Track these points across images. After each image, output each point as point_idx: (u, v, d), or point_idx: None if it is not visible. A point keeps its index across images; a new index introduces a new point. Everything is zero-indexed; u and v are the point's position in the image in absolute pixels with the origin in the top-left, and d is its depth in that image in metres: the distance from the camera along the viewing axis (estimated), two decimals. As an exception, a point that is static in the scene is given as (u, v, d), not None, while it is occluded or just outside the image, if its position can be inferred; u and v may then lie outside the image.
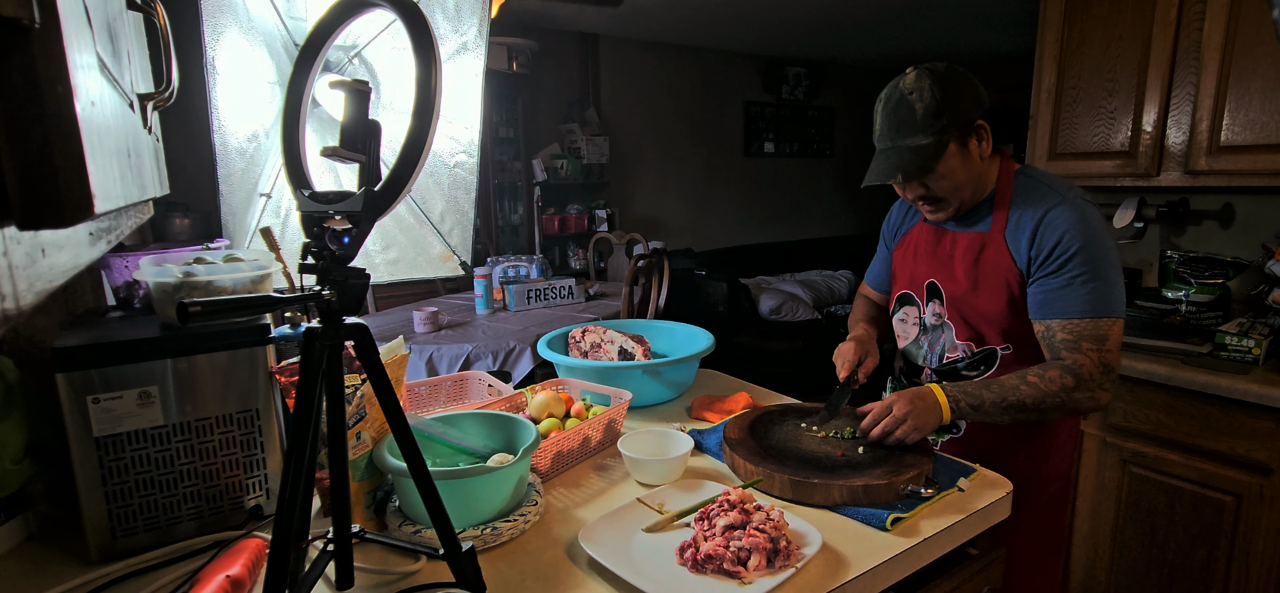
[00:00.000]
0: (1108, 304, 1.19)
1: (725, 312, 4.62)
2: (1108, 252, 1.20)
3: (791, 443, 1.25)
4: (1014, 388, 1.20)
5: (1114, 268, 1.21)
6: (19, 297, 0.38)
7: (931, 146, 1.22)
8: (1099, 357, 1.19)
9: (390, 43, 1.49)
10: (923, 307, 1.41)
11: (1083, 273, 1.19)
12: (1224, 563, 1.86)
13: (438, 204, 1.65)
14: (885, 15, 4.99)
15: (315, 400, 0.75)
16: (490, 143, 4.86)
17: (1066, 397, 1.18)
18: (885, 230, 1.57)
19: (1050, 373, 1.19)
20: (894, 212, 1.55)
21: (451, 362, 2.71)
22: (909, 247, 1.45)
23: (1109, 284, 1.19)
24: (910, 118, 1.22)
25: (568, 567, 0.95)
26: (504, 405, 1.36)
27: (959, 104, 1.21)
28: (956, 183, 1.26)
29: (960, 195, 1.29)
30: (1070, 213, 1.21)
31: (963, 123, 1.22)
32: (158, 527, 1.00)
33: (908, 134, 1.23)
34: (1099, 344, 1.19)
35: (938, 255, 1.37)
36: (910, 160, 1.23)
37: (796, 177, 7.19)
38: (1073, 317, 1.20)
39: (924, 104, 1.21)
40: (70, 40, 0.39)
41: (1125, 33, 2.16)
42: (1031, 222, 1.24)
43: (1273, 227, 2.20)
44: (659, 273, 3.58)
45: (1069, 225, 1.20)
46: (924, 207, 1.32)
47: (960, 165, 1.25)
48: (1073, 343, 1.20)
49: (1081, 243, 1.19)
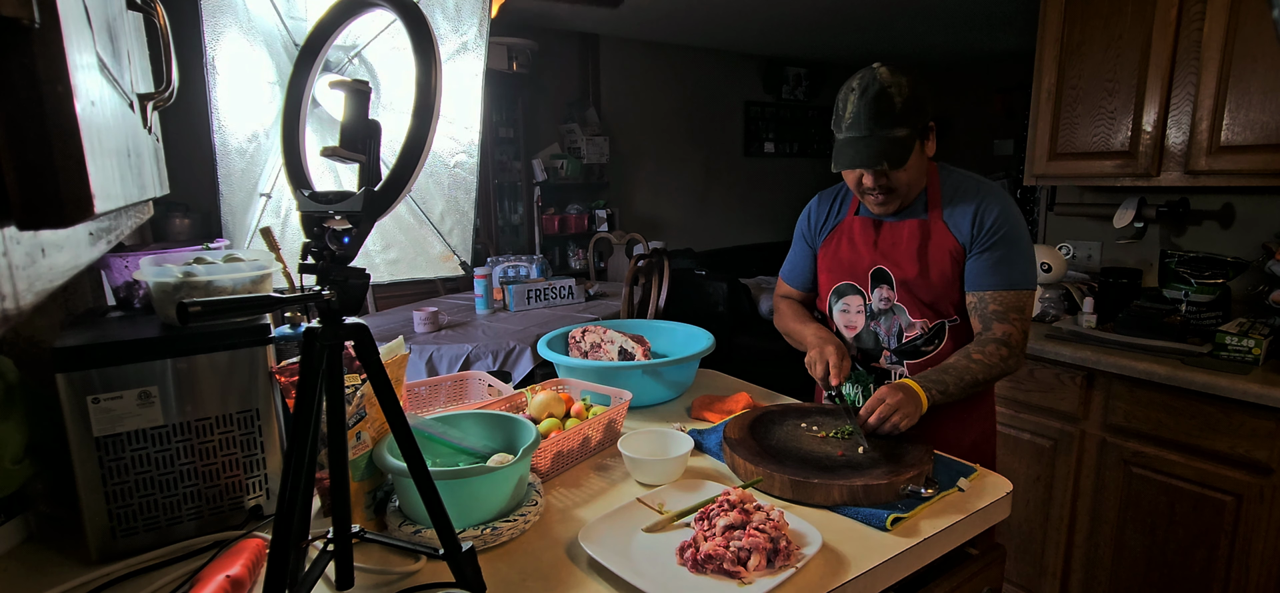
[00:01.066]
0: (1027, 279, 1.37)
1: (725, 312, 4.62)
2: (1026, 234, 1.39)
3: (791, 443, 1.25)
4: (967, 369, 1.33)
5: (1031, 248, 1.40)
6: (19, 297, 0.38)
7: (908, 138, 1.30)
8: (1021, 324, 1.36)
9: (390, 43, 1.49)
10: (867, 294, 1.47)
11: (1012, 251, 1.35)
12: (1224, 563, 1.86)
13: (438, 204, 1.65)
14: (885, 15, 4.99)
15: (315, 400, 0.75)
16: (490, 143, 4.86)
17: (1004, 365, 1.34)
18: (804, 229, 1.61)
19: (988, 348, 1.34)
20: (814, 209, 1.59)
21: (451, 362, 2.71)
22: (839, 240, 1.51)
23: (1029, 262, 1.38)
24: (890, 109, 1.29)
25: (568, 567, 0.95)
26: (504, 405, 1.36)
27: (927, 103, 1.33)
28: (913, 178, 1.37)
29: (910, 190, 1.39)
30: (999, 201, 1.37)
31: (927, 120, 1.35)
32: (158, 527, 1.00)
33: (888, 125, 1.29)
34: (1021, 314, 1.36)
35: (880, 245, 1.45)
36: (894, 150, 1.30)
37: (796, 177, 7.19)
38: (1001, 289, 1.36)
39: (903, 97, 1.29)
40: (70, 40, 0.39)
41: (1125, 33, 2.16)
42: (969, 207, 1.38)
43: (1273, 227, 2.20)
44: (659, 273, 3.58)
45: (1001, 211, 1.36)
46: (877, 196, 1.39)
47: (918, 160, 1.36)
48: (1002, 313, 1.36)
49: (1010, 227, 1.36)
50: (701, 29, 5.37)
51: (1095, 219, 2.62)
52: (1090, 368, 2.06)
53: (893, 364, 1.47)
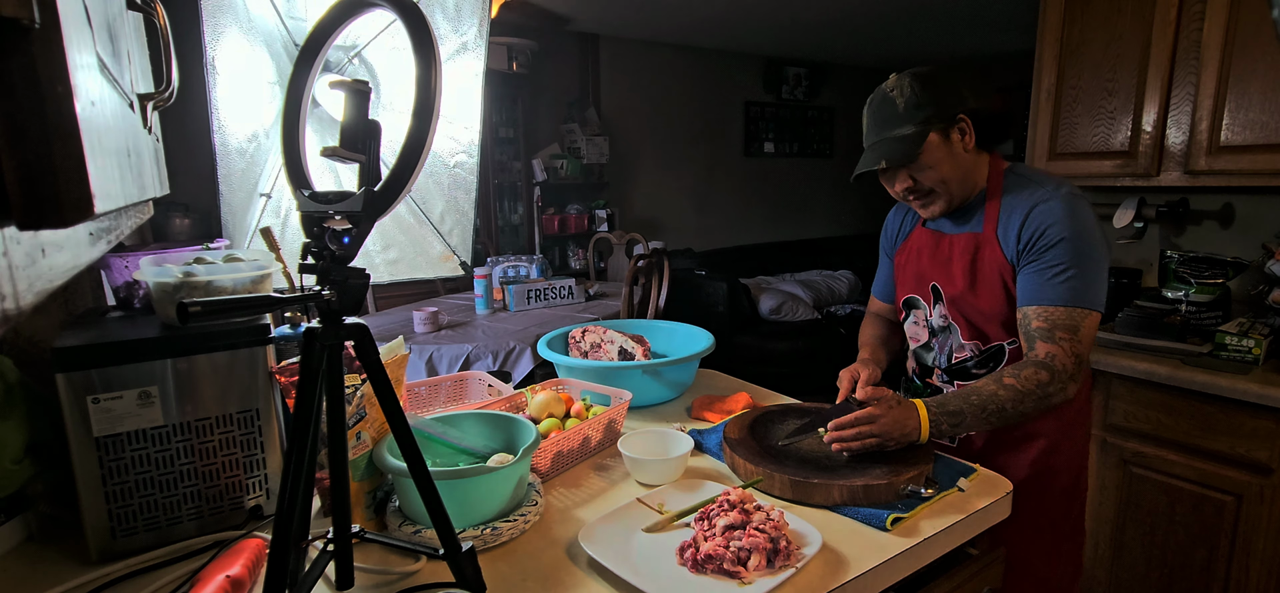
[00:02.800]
0: (1085, 296, 1.20)
1: (725, 312, 4.62)
2: (1093, 245, 1.21)
3: (791, 443, 1.25)
4: (992, 395, 1.20)
5: (1097, 262, 1.22)
6: (19, 297, 0.38)
7: (913, 136, 1.25)
8: (1071, 347, 1.20)
9: (390, 43, 1.49)
10: (929, 309, 1.41)
11: (1064, 263, 1.20)
12: (1224, 563, 1.86)
13: (438, 204, 1.65)
14: (885, 16, 4.99)
15: (315, 400, 0.75)
16: (490, 143, 4.86)
17: (1042, 393, 1.19)
18: (884, 241, 1.57)
19: (1025, 372, 1.20)
20: (891, 219, 1.55)
21: (451, 362, 2.71)
22: (911, 251, 1.46)
23: (1089, 277, 1.21)
24: (892, 112, 1.27)
25: (568, 567, 0.95)
26: (504, 405, 1.36)
27: (938, 97, 1.25)
28: (942, 175, 1.28)
29: (948, 189, 1.30)
30: (1058, 205, 1.22)
31: (944, 115, 1.25)
32: (158, 527, 1.00)
33: (890, 126, 1.27)
34: (1072, 335, 1.20)
35: (937, 257, 1.38)
36: (894, 148, 1.26)
37: (796, 177, 7.19)
38: (1049, 305, 1.21)
39: (904, 98, 1.26)
40: (70, 40, 0.39)
41: (1125, 33, 2.16)
42: (1021, 214, 1.26)
43: (1273, 227, 2.20)
44: (659, 273, 3.58)
45: (1056, 217, 1.22)
46: (915, 203, 1.34)
47: (945, 156, 1.27)
48: (1047, 332, 1.21)
49: (1066, 234, 1.20)
50: (701, 29, 5.37)
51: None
52: (1091, 368, 2.05)
53: (944, 384, 1.40)
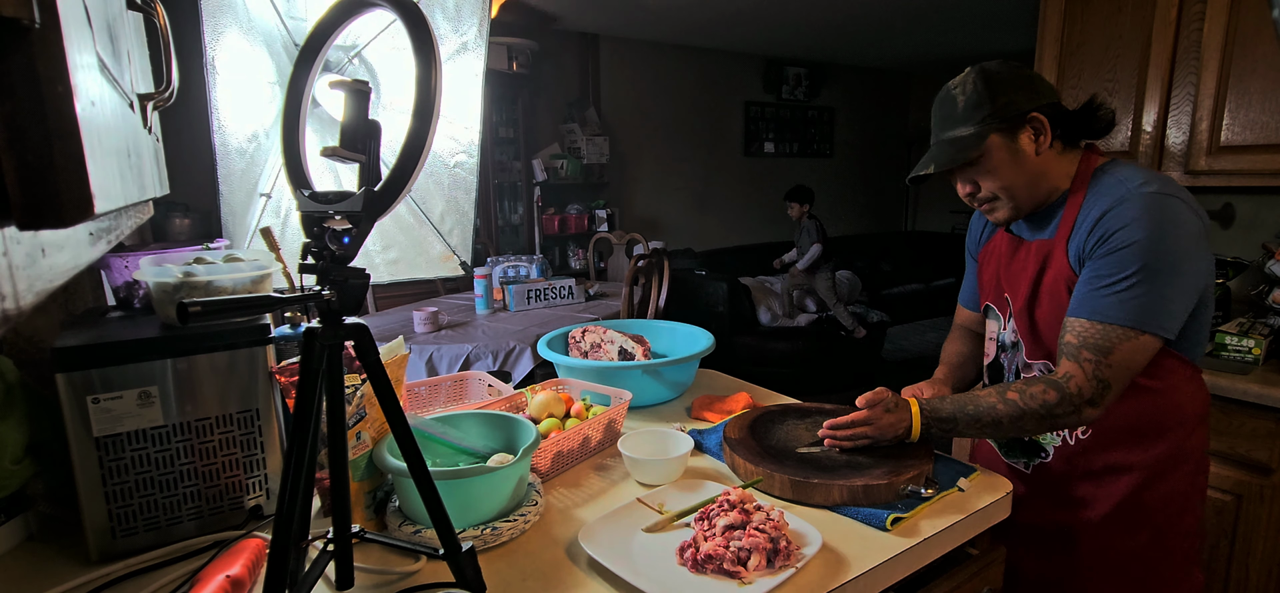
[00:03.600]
0: (1138, 314, 1.05)
1: (725, 312, 4.62)
2: (1172, 257, 1.04)
3: (791, 443, 1.25)
4: (991, 407, 1.14)
5: (1170, 278, 1.05)
6: (19, 297, 0.38)
7: (971, 137, 1.15)
8: (1094, 369, 1.08)
9: (390, 43, 1.49)
10: (1002, 321, 1.31)
11: (1123, 273, 1.06)
12: (1224, 563, 1.86)
13: (438, 204, 1.65)
14: (885, 16, 4.99)
15: (315, 400, 0.75)
16: (490, 143, 4.86)
17: (1046, 413, 1.10)
18: (969, 242, 1.47)
19: (1033, 389, 1.12)
20: (975, 218, 1.43)
21: (451, 362, 2.71)
22: (991, 253, 1.35)
23: (1154, 292, 1.05)
24: (952, 111, 1.18)
25: (568, 567, 0.95)
26: (504, 405, 1.36)
27: (1003, 96, 1.14)
28: (1006, 181, 1.17)
29: (1013, 197, 1.18)
30: (1139, 203, 1.06)
31: (1008, 115, 1.14)
32: (158, 527, 1.00)
33: (949, 127, 1.19)
34: (1100, 356, 1.07)
35: (1012, 267, 1.27)
36: (946, 151, 1.18)
37: (796, 177, 7.18)
38: (1088, 318, 1.09)
39: (966, 96, 1.16)
40: (70, 40, 0.40)
41: (1125, 33, 2.16)
42: (1096, 215, 1.11)
43: (1273, 227, 2.20)
44: (659, 273, 3.58)
45: (1132, 217, 1.05)
46: (982, 208, 1.24)
47: (1008, 160, 1.15)
48: (1074, 349, 1.10)
49: (1137, 238, 1.04)
50: (701, 29, 5.37)
51: (1095, 219, 2.62)
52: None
53: None
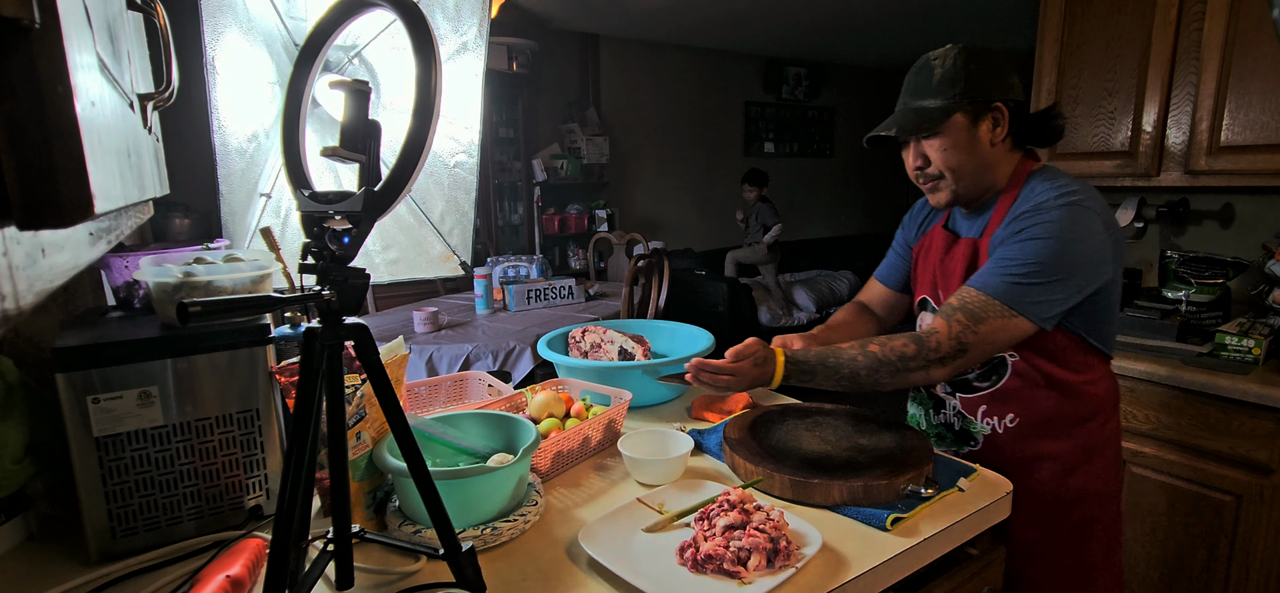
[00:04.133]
0: (1015, 297, 1.11)
1: (725, 312, 4.62)
2: (1071, 260, 1.11)
3: (791, 443, 1.25)
4: (851, 359, 1.17)
5: (1062, 277, 1.11)
6: (19, 297, 0.38)
7: (937, 111, 1.18)
8: (960, 330, 1.12)
9: (390, 43, 1.49)
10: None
11: (1017, 259, 1.12)
12: (1224, 563, 1.86)
13: (438, 204, 1.65)
14: (885, 16, 4.99)
15: (315, 400, 0.75)
16: (490, 143, 4.87)
17: (901, 365, 1.14)
18: (905, 224, 1.50)
19: (895, 342, 1.16)
20: (918, 206, 1.48)
21: (451, 362, 2.71)
22: (926, 247, 1.40)
23: (1036, 285, 1.10)
24: (927, 81, 1.20)
25: (568, 567, 0.95)
26: (504, 405, 1.36)
27: (978, 78, 1.17)
28: (955, 162, 1.20)
29: (958, 179, 1.21)
30: (1058, 212, 1.12)
31: (977, 98, 1.17)
32: (158, 527, 1.00)
33: (920, 96, 1.21)
34: (971, 321, 1.12)
35: (946, 264, 1.32)
36: (911, 118, 1.20)
37: (796, 177, 7.19)
38: (975, 288, 1.14)
39: (944, 70, 1.18)
40: (70, 40, 0.40)
41: (1125, 33, 2.16)
42: (1017, 213, 1.18)
43: (1273, 227, 2.20)
44: (659, 273, 3.58)
45: (1049, 221, 1.11)
46: (923, 184, 1.27)
47: (965, 142, 1.19)
48: (950, 309, 1.14)
49: (1044, 234, 1.11)
50: (701, 29, 5.37)
51: (1095, 219, 2.62)
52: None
53: (946, 395, 1.35)
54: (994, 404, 1.28)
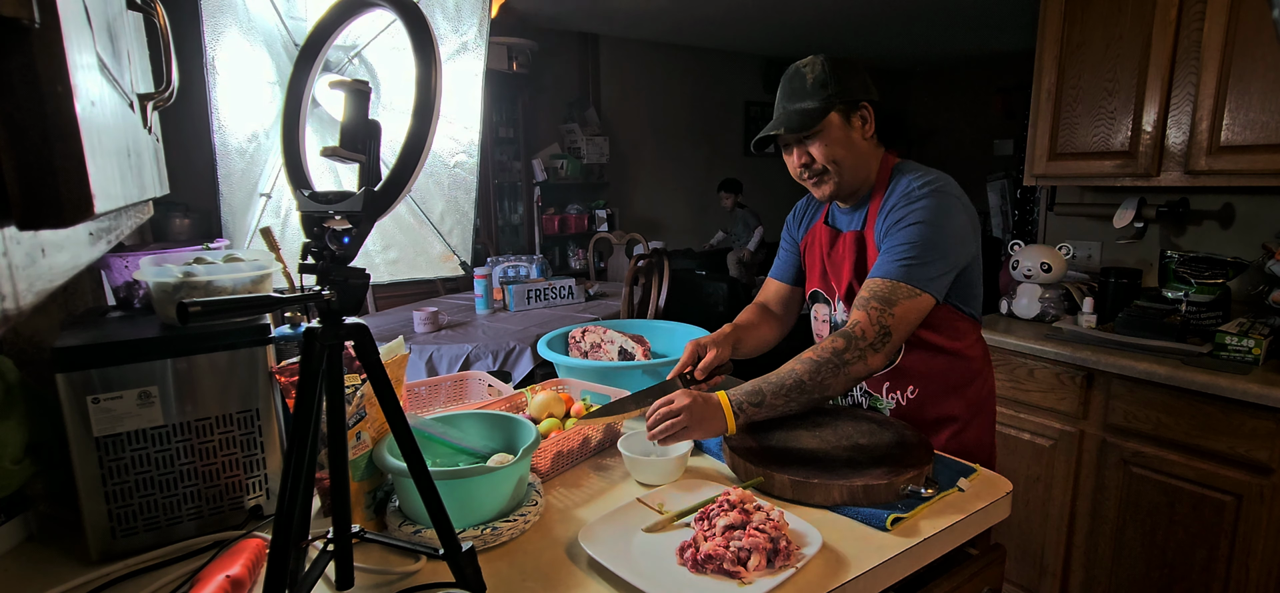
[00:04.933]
0: (914, 275, 1.22)
1: (725, 312, 4.62)
2: (943, 237, 1.24)
3: (791, 443, 1.25)
4: (790, 371, 1.22)
5: (942, 253, 1.24)
6: (19, 297, 0.38)
7: (815, 110, 1.30)
8: (879, 316, 1.21)
9: (390, 43, 1.49)
10: (834, 305, 1.45)
11: (906, 244, 1.24)
12: (1224, 563, 1.86)
13: (438, 204, 1.65)
14: (885, 16, 4.99)
15: (315, 400, 0.75)
16: (490, 143, 4.87)
17: (838, 361, 1.20)
18: (789, 222, 1.62)
19: (825, 343, 1.22)
20: (800, 204, 1.60)
21: (451, 362, 2.71)
22: (812, 241, 1.51)
23: (921, 262, 1.22)
24: (801, 86, 1.33)
25: (568, 567, 0.95)
26: (504, 405, 1.36)
27: (845, 81, 1.31)
28: (837, 156, 1.32)
29: (841, 172, 1.33)
30: (924, 198, 1.26)
31: (847, 97, 1.31)
32: (158, 527, 1.00)
33: (797, 100, 1.33)
34: (884, 306, 1.21)
35: (833, 256, 1.43)
36: (795, 118, 1.31)
37: (796, 177, 7.19)
38: (878, 277, 1.24)
39: (814, 74, 1.32)
40: (70, 40, 0.40)
41: (1125, 33, 2.16)
42: (891, 205, 1.30)
43: (1273, 227, 2.20)
44: (659, 273, 3.58)
45: (915, 205, 1.25)
46: (809, 181, 1.38)
47: (843, 138, 1.32)
48: (864, 300, 1.23)
49: (919, 220, 1.24)
50: (701, 29, 5.37)
51: (1095, 219, 2.62)
52: (1090, 368, 2.06)
53: None
54: (895, 380, 1.39)
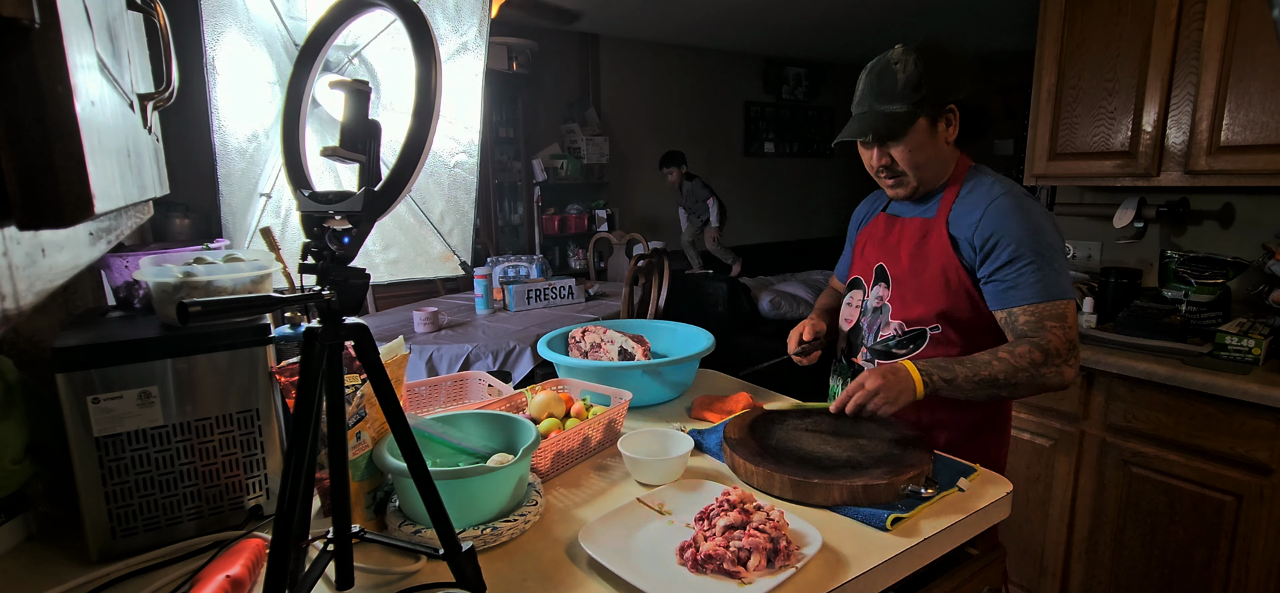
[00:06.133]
0: (1059, 289, 1.25)
1: (725, 312, 4.62)
2: (1052, 242, 1.27)
3: (791, 443, 1.25)
4: (986, 364, 1.24)
5: (1059, 256, 1.27)
6: (19, 297, 0.38)
7: (905, 116, 1.28)
8: (1063, 333, 1.24)
9: (390, 43, 1.49)
10: (867, 290, 1.46)
11: (1031, 261, 1.25)
12: (1224, 563, 1.86)
13: (438, 204, 1.65)
14: (885, 16, 4.99)
15: (315, 400, 0.75)
16: (490, 143, 4.87)
17: (1035, 371, 1.23)
18: (852, 225, 1.62)
19: (1019, 349, 1.24)
20: (861, 206, 1.60)
21: (451, 362, 2.71)
22: (867, 235, 1.51)
23: (1056, 271, 1.26)
24: (892, 86, 1.29)
25: (568, 567, 0.95)
26: (504, 405, 1.36)
27: (937, 82, 1.27)
28: (919, 160, 1.31)
29: (920, 174, 1.33)
30: (1013, 205, 1.27)
31: (937, 102, 1.28)
32: (158, 527, 1.00)
33: (886, 101, 1.29)
34: (1061, 322, 1.24)
35: (888, 241, 1.43)
36: (883, 124, 1.29)
37: (796, 177, 7.20)
38: (1030, 303, 1.25)
39: (906, 75, 1.28)
40: (70, 40, 0.40)
41: (1125, 33, 2.16)
42: (978, 208, 1.29)
43: (1273, 227, 2.20)
44: (659, 273, 3.58)
45: (1012, 217, 1.26)
46: (885, 179, 1.37)
47: (927, 142, 1.30)
48: (1036, 324, 1.25)
49: (1024, 232, 1.25)
50: (701, 29, 5.37)
51: (1095, 219, 2.62)
52: (1090, 368, 2.06)
53: (866, 363, 1.43)
54: None
